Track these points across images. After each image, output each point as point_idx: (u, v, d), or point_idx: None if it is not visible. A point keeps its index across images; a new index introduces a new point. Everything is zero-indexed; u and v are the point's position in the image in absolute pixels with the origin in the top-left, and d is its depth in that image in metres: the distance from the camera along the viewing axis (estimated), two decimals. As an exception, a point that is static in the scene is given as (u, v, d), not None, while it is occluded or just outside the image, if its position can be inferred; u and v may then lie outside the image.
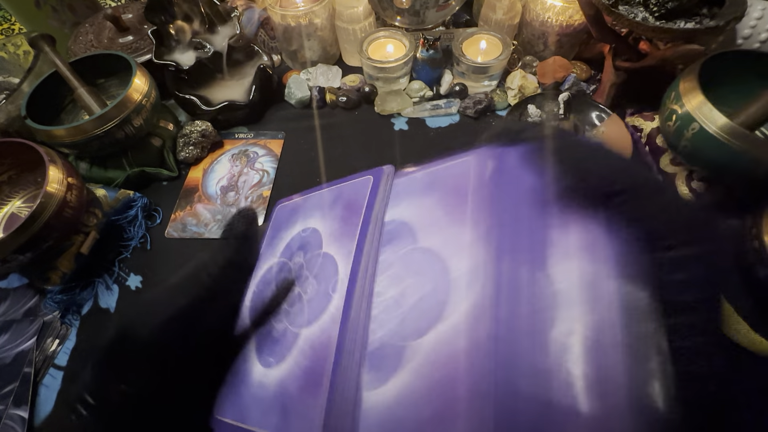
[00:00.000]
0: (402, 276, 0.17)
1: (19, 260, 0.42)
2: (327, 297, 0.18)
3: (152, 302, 0.19)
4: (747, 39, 0.50)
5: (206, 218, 0.53)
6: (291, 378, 0.17)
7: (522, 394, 0.12)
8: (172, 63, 0.56)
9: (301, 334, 0.17)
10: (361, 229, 0.19)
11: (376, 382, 0.15)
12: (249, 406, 0.17)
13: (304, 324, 0.18)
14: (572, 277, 0.13)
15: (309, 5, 0.62)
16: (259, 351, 0.19)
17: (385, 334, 0.16)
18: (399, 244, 0.18)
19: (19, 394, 0.42)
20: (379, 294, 0.17)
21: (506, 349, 0.12)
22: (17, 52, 0.65)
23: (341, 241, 0.19)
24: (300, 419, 0.15)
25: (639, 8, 0.49)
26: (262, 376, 0.18)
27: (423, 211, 0.19)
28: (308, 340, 0.17)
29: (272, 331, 0.19)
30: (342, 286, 0.17)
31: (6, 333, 0.47)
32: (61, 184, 0.44)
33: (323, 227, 0.21)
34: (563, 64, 0.60)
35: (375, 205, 0.20)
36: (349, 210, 0.20)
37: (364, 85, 0.63)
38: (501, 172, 0.17)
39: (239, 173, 0.57)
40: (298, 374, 0.16)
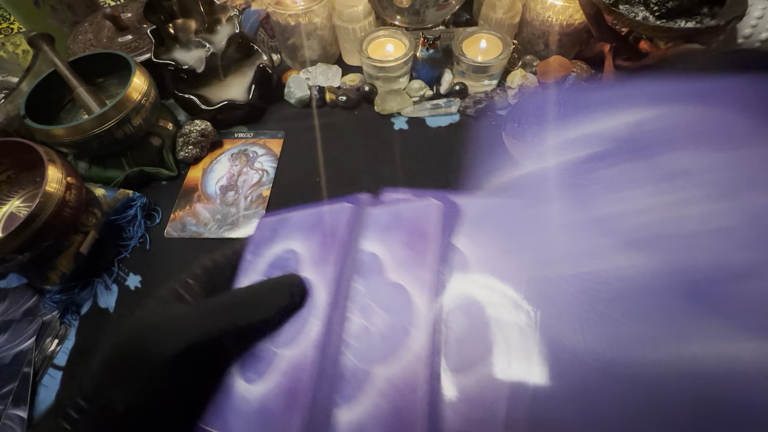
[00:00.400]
0: (370, 305, 0.18)
1: (18, 260, 0.42)
2: (305, 321, 0.19)
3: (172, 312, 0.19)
4: (747, 38, 0.50)
5: (206, 218, 0.53)
6: (271, 395, 0.18)
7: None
8: (172, 62, 0.56)
9: (280, 354, 0.18)
10: (338, 257, 0.20)
11: (346, 401, 0.16)
12: (233, 419, 0.18)
13: (282, 345, 0.19)
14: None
15: (308, 4, 0.62)
16: (242, 366, 0.19)
17: (354, 357, 0.17)
18: (369, 275, 0.19)
19: (18, 394, 0.42)
20: (350, 320, 0.18)
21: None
22: (16, 52, 0.65)
23: (320, 267, 0.20)
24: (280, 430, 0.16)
25: (639, 7, 0.49)
26: (244, 391, 0.18)
27: (391, 246, 0.20)
28: (287, 361, 0.18)
29: (252, 348, 0.19)
30: (320, 311, 0.18)
31: (5, 333, 0.47)
32: (60, 184, 0.44)
33: (303, 251, 0.21)
34: (563, 64, 0.60)
35: (351, 234, 0.21)
36: (327, 236, 0.21)
37: (363, 84, 0.63)
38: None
39: (239, 173, 0.57)
40: (278, 392, 0.17)
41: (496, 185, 0.22)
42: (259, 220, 0.25)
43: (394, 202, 0.22)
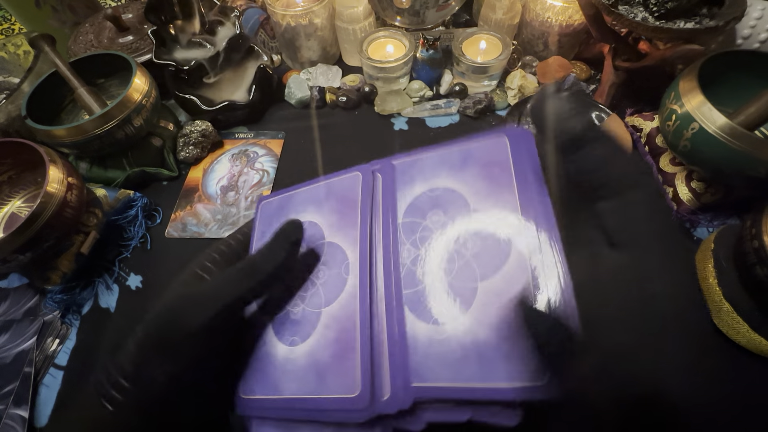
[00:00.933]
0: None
1: (19, 260, 0.42)
2: (341, 279, 0.21)
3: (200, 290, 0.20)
4: (747, 39, 0.50)
5: (206, 218, 0.53)
6: (320, 349, 0.19)
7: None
8: (172, 63, 0.56)
9: (323, 312, 0.20)
10: (361, 219, 0.22)
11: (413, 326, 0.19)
12: (280, 381, 0.20)
13: (322, 305, 0.21)
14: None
15: (309, 5, 0.62)
16: (279, 334, 0.21)
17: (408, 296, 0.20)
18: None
19: (20, 394, 0.42)
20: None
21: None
22: (17, 52, 0.65)
23: (345, 231, 0.22)
24: (338, 377, 0.18)
25: (639, 8, 0.49)
26: (288, 354, 0.20)
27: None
28: (331, 316, 0.20)
29: (289, 315, 0.21)
30: (354, 268, 0.21)
31: (6, 333, 0.47)
32: (61, 184, 0.44)
33: (321, 220, 0.23)
34: (563, 64, 0.60)
35: (368, 198, 0.23)
36: (343, 204, 0.23)
37: (363, 85, 0.63)
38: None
39: (239, 173, 0.57)
40: (327, 344, 0.19)
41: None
42: (259, 202, 0.26)
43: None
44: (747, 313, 0.36)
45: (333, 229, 0.23)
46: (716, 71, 0.43)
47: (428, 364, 0.17)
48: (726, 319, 0.37)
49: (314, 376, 0.19)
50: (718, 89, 0.43)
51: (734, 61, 0.44)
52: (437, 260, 0.19)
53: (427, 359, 0.17)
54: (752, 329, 0.36)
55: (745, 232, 0.37)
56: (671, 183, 0.47)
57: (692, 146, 0.41)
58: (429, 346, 0.18)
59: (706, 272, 0.40)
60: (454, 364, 0.17)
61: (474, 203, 0.21)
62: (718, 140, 0.38)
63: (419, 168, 0.23)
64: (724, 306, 0.37)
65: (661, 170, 0.49)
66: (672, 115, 0.42)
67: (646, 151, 0.52)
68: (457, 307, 0.18)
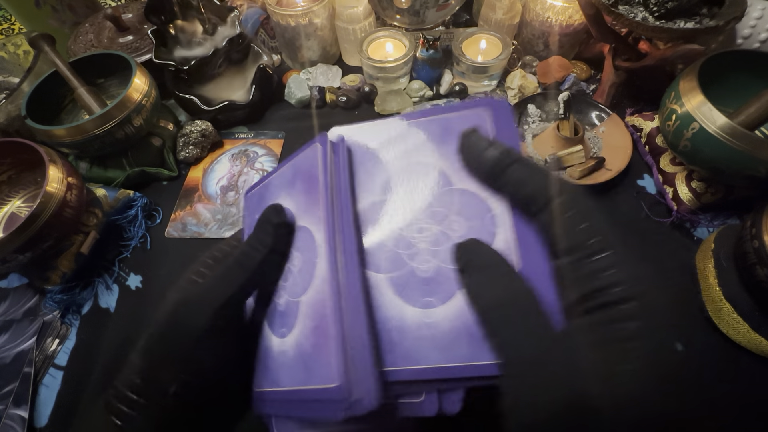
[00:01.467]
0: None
1: (18, 260, 0.42)
2: (312, 264, 0.20)
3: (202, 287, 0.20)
4: (747, 39, 0.50)
5: (206, 218, 0.53)
6: (303, 339, 0.19)
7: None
8: (172, 63, 0.56)
9: (301, 301, 0.20)
10: (323, 195, 0.21)
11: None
12: (278, 373, 0.20)
13: (300, 293, 0.20)
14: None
15: (309, 5, 0.62)
16: (271, 326, 0.21)
17: (394, 279, 0.19)
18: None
19: (19, 394, 0.42)
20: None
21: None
22: (17, 52, 0.65)
23: (311, 211, 0.21)
24: (320, 367, 0.18)
25: (639, 8, 0.49)
26: (280, 346, 0.20)
27: (293, 197, 0.22)
28: (308, 305, 0.19)
29: (277, 307, 0.21)
30: (321, 250, 0.20)
31: (6, 333, 0.47)
32: (61, 184, 0.44)
33: (292, 204, 0.22)
34: (563, 64, 0.60)
35: (327, 170, 0.21)
36: (307, 181, 0.22)
37: (364, 84, 0.63)
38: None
39: (239, 173, 0.57)
40: (308, 334, 0.19)
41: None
42: (243, 197, 0.26)
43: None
44: (747, 312, 0.36)
45: (300, 210, 0.21)
46: (716, 71, 0.43)
47: (419, 347, 0.17)
48: (726, 318, 0.37)
49: (301, 367, 0.18)
50: (719, 89, 0.43)
51: (734, 61, 0.44)
52: (424, 242, 0.19)
53: (418, 343, 0.17)
54: (752, 329, 0.36)
55: (745, 232, 0.37)
56: (671, 183, 0.47)
57: (692, 146, 0.41)
58: (418, 329, 0.18)
59: (706, 272, 0.40)
60: (447, 347, 0.17)
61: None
62: (719, 140, 0.38)
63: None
64: (724, 306, 0.37)
65: (662, 170, 0.49)
66: (672, 115, 0.42)
67: (647, 151, 0.52)
68: (446, 288, 0.18)
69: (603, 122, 0.55)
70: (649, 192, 0.50)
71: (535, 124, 0.56)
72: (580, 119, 0.55)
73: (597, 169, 0.50)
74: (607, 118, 0.54)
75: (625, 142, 0.51)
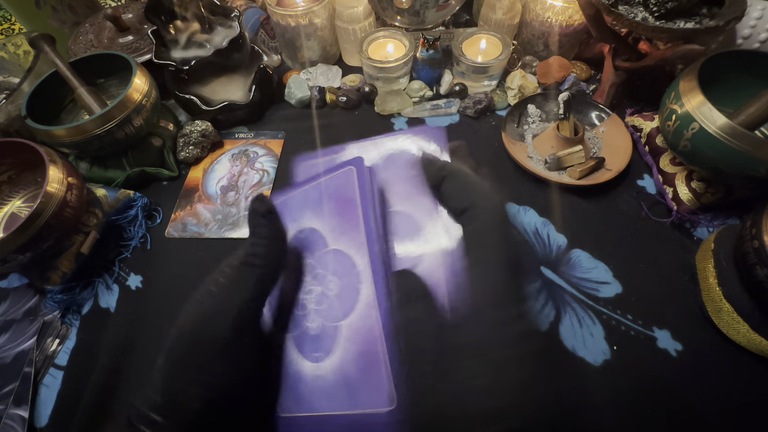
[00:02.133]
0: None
1: (19, 260, 0.42)
2: (355, 290, 0.20)
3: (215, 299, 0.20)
4: (747, 39, 0.50)
5: (206, 218, 0.53)
6: (347, 363, 0.19)
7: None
8: (172, 63, 0.56)
9: (341, 326, 0.20)
10: (363, 220, 0.21)
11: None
12: (312, 397, 0.19)
13: (340, 317, 0.20)
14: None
15: (309, 5, 0.62)
16: (301, 351, 0.20)
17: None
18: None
19: (20, 394, 0.42)
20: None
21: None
22: (17, 52, 0.65)
23: (349, 235, 0.21)
24: (369, 392, 0.18)
25: (639, 8, 0.49)
26: (315, 370, 0.20)
27: (324, 219, 0.23)
28: (351, 329, 0.19)
29: (308, 331, 0.21)
30: (366, 276, 0.20)
31: (6, 333, 0.47)
32: (61, 184, 0.44)
33: (321, 226, 0.22)
34: (563, 64, 0.60)
35: (367, 196, 0.22)
36: (342, 204, 0.22)
37: (364, 85, 0.63)
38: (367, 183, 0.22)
39: (239, 173, 0.57)
40: (353, 358, 0.19)
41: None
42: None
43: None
44: (747, 313, 0.36)
45: (336, 234, 0.21)
46: (716, 71, 0.43)
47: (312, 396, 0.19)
48: (726, 319, 0.37)
49: (345, 391, 0.18)
50: (719, 89, 0.43)
51: (734, 61, 0.44)
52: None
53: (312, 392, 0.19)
54: (752, 329, 0.36)
55: (745, 232, 0.37)
56: (671, 183, 0.47)
57: (692, 146, 0.41)
58: (313, 380, 0.19)
59: (706, 272, 0.40)
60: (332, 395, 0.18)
61: (331, 241, 0.21)
62: (719, 140, 0.38)
63: (288, 208, 0.24)
64: (724, 306, 0.37)
65: (662, 170, 0.49)
66: (672, 115, 0.42)
67: (647, 151, 0.52)
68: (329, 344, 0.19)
69: (603, 122, 0.55)
70: (649, 192, 0.50)
71: (535, 124, 0.56)
72: (580, 119, 0.55)
73: (597, 169, 0.50)
74: (607, 118, 0.54)
75: (625, 143, 0.51)
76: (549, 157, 0.50)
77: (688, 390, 0.37)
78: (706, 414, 0.35)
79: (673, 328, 0.40)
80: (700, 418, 0.35)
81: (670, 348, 0.39)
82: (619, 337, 0.40)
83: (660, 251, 0.45)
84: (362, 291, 0.20)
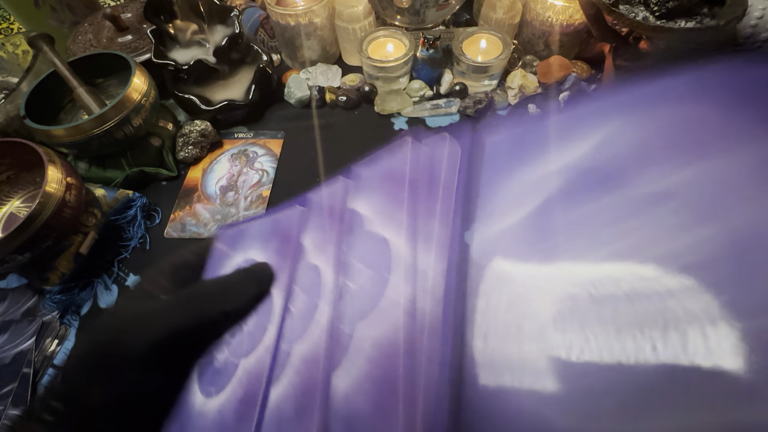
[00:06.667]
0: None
1: (18, 260, 0.42)
2: (262, 329, 0.18)
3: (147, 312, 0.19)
4: (748, 39, 0.50)
5: (205, 218, 0.53)
6: (227, 406, 0.17)
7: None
8: (172, 62, 0.56)
9: (240, 364, 0.18)
10: (290, 264, 0.20)
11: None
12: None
13: (242, 355, 0.18)
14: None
15: (308, 4, 0.62)
16: (200, 381, 0.19)
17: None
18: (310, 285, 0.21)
19: (18, 395, 0.42)
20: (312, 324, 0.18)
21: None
22: (16, 52, 0.65)
23: (277, 273, 0.20)
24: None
25: (639, 8, 0.49)
26: (202, 406, 0.18)
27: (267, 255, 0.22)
28: (245, 370, 0.18)
29: (213, 362, 0.19)
30: (276, 318, 0.18)
31: (5, 333, 0.46)
32: (60, 184, 0.43)
33: (261, 258, 0.21)
34: (564, 64, 0.60)
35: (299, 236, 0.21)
36: (282, 242, 0.21)
37: (363, 84, 0.63)
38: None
39: (239, 173, 0.57)
40: (233, 403, 0.17)
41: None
42: (218, 231, 0.25)
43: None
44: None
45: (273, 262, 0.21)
46: (717, 71, 0.43)
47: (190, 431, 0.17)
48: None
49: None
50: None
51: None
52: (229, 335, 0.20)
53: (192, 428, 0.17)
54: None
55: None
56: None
57: (693, 146, 0.40)
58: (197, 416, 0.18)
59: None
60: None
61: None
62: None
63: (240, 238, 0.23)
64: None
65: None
66: (673, 115, 0.42)
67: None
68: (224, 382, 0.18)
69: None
70: (649, 192, 0.49)
71: (536, 124, 0.56)
72: (581, 119, 0.55)
73: (597, 169, 0.49)
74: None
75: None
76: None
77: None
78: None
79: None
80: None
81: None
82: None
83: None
84: (267, 333, 0.18)
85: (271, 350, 0.17)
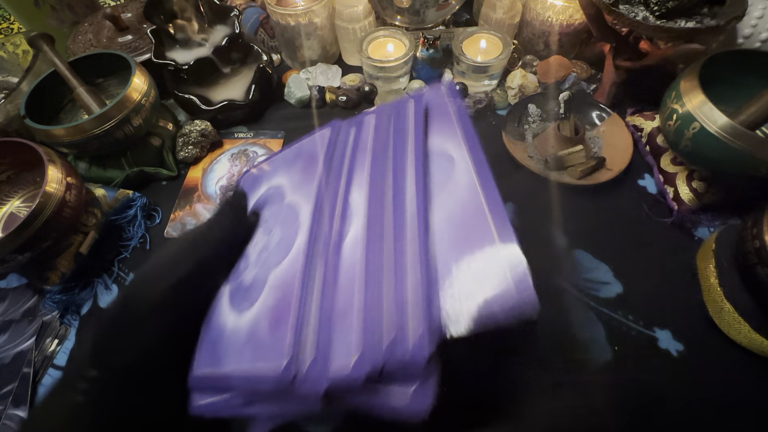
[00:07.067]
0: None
1: (18, 260, 0.42)
2: (291, 240, 0.19)
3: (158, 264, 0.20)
4: (748, 38, 0.50)
5: (205, 218, 0.53)
6: (261, 317, 0.17)
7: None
8: (172, 62, 0.56)
9: (270, 275, 0.18)
10: (319, 174, 0.21)
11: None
12: (224, 353, 0.17)
13: (272, 267, 0.19)
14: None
15: (308, 4, 0.62)
16: (232, 301, 0.19)
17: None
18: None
19: (18, 395, 0.42)
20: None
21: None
22: (16, 52, 0.65)
23: (303, 189, 0.21)
24: (268, 351, 0.16)
25: (639, 7, 0.49)
26: (235, 323, 0.18)
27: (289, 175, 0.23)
28: (276, 279, 0.18)
29: (243, 281, 0.20)
30: (304, 227, 0.19)
31: (5, 333, 0.46)
32: (60, 184, 0.43)
33: (286, 181, 0.23)
34: (563, 64, 0.60)
35: (332, 151, 0.22)
36: (308, 161, 0.22)
37: (363, 84, 0.63)
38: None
39: (239, 173, 0.57)
40: (267, 312, 0.17)
41: None
42: (239, 180, 0.26)
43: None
44: (748, 313, 0.36)
45: (295, 188, 0.22)
46: (717, 71, 0.43)
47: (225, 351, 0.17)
48: (727, 319, 0.37)
49: (251, 349, 0.16)
50: (719, 89, 0.43)
51: (735, 60, 0.44)
52: (255, 253, 0.20)
53: (225, 347, 0.17)
54: (753, 330, 0.36)
55: (746, 232, 0.36)
56: (672, 183, 0.47)
57: (693, 146, 0.40)
58: (231, 334, 0.18)
59: (707, 272, 0.40)
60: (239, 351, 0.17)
61: (288, 195, 0.22)
62: (720, 140, 0.38)
63: (269, 168, 0.25)
64: (725, 306, 0.37)
65: (662, 170, 0.49)
66: (673, 115, 0.42)
67: (647, 151, 0.52)
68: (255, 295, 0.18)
69: (603, 122, 0.54)
70: (649, 192, 0.49)
71: (536, 124, 0.56)
72: (581, 119, 0.55)
73: (597, 168, 0.49)
74: (607, 118, 0.54)
75: (626, 142, 0.51)
76: (550, 157, 0.50)
77: (689, 390, 0.37)
78: (707, 414, 0.35)
79: (674, 328, 0.40)
80: (701, 418, 0.35)
81: (672, 348, 0.39)
82: (620, 338, 0.40)
83: (661, 251, 0.45)
84: (296, 242, 0.19)
85: (303, 255, 0.18)
